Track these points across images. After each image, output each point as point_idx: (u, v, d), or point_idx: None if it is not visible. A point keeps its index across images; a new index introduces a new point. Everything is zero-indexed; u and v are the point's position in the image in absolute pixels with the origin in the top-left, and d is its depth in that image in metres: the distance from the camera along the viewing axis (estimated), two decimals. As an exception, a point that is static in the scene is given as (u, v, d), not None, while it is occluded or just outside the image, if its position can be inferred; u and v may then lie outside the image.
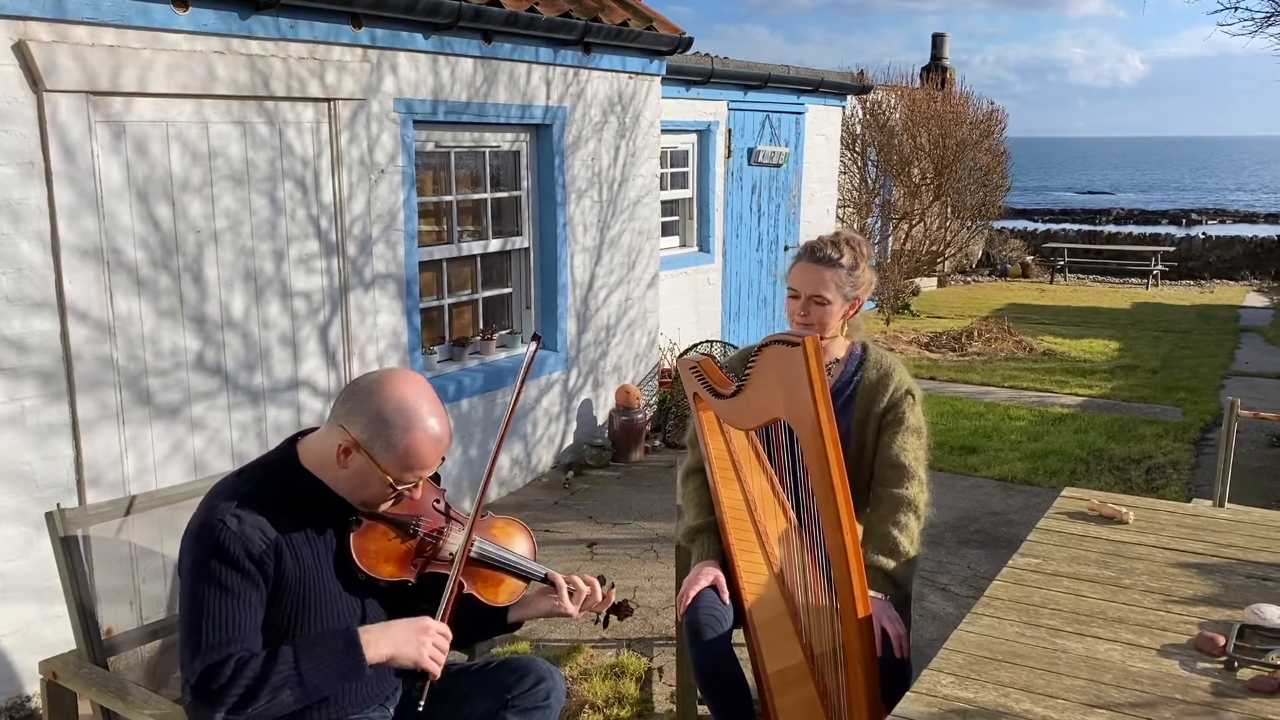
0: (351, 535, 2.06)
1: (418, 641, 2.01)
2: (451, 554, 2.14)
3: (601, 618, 2.36)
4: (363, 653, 1.95)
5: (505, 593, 2.24)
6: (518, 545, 2.30)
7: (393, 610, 2.16)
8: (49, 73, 3.46)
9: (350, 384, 2.05)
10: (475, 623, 2.29)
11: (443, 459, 2.08)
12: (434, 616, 2.07)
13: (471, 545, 2.16)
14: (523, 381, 2.20)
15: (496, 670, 2.25)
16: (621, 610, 2.37)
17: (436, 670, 2.03)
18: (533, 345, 2.27)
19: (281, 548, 1.97)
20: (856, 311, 2.77)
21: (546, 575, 2.26)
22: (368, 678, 2.08)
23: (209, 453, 4.14)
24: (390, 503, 2.08)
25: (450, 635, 2.06)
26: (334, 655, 1.93)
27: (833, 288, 2.66)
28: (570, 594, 2.25)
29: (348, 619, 2.08)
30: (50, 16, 3.47)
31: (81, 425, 3.68)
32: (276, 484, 2.03)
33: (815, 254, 2.69)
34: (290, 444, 2.10)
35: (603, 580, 2.32)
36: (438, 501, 2.22)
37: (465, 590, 2.17)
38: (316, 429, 2.13)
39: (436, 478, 2.28)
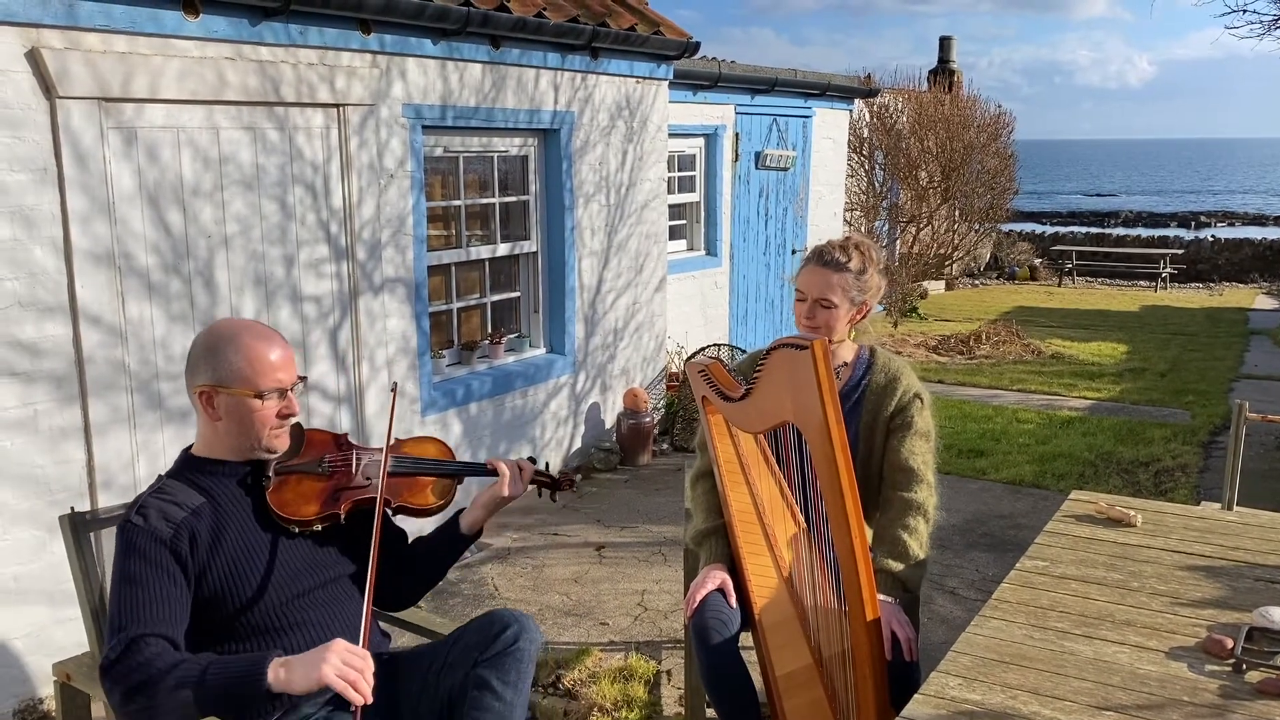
0: (268, 495, 2.13)
1: (319, 660, 1.86)
2: (368, 478, 2.22)
3: (546, 493, 2.48)
4: (263, 673, 1.85)
5: (434, 494, 2.31)
6: (429, 453, 2.39)
7: (338, 559, 2.21)
8: (61, 80, 3.49)
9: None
10: (433, 548, 2.35)
11: (303, 377, 2.18)
12: (366, 549, 2.11)
13: (386, 463, 2.23)
14: (390, 427, 2.29)
15: (464, 635, 2.24)
16: (561, 483, 2.47)
17: (352, 693, 1.85)
18: (393, 393, 2.36)
19: (194, 527, 2.04)
20: (864, 316, 2.77)
21: (486, 465, 2.35)
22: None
23: (219, 456, 4.16)
24: (277, 428, 2.13)
25: (367, 657, 1.91)
26: (238, 671, 1.88)
27: (839, 291, 2.67)
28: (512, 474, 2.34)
29: (294, 576, 2.13)
30: (62, 24, 3.50)
31: (93, 429, 3.70)
32: (179, 478, 2.13)
33: (823, 257, 2.70)
34: (184, 453, 2.21)
35: (533, 460, 2.43)
36: (340, 443, 2.31)
37: (394, 505, 2.25)
38: None
39: (344, 437, 2.35)
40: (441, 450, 2.40)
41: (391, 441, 2.28)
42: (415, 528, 2.46)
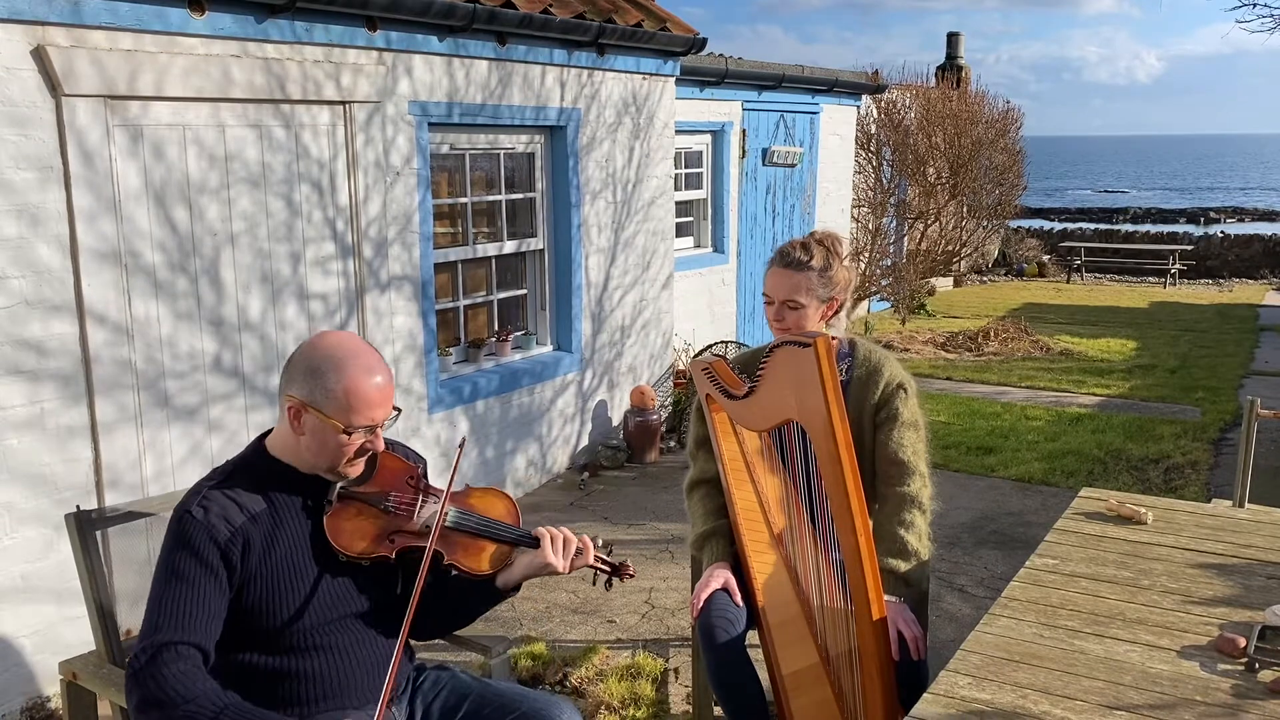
0: (325, 518, 2.08)
1: None
2: (427, 526, 2.13)
3: (602, 579, 2.32)
4: None
5: (488, 559, 2.20)
6: (496, 512, 2.27)
7: (378, 593, 2.15)
8: (67, 77, 3.49)
9: (288, 359, 2.09)
10: (467, 597, 2.27)
11: (397, 410, 2.08)
12: (411, 588, 2.06)
13: (446, 514, 2.14)
14: (450, 484, 2.18)
15: (520, 709, 2.16)
16: (621, 571, 2.31)
17: None
18: (459, 449, 2.25)
19: (250, 534, 2.00)
20: (836, 312, 2.71)
21: (532, 534, 2.21)
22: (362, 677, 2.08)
23: (227, 454, 4.15)
24: (354, 459, 2.07)
25: None
26: None
27: (804, 291, 2.62)
28: (556, 547, 2.21)
29: (330, 602, 2.08)
30: (68, 21, 3.49)
31: (100, 427, 3.70)
32: (247, 474, 2.07)
33: (785, 258, 2.66)
34: (258, 441, 2.15)
35: (603, 545, 2.29)
36: (411, 479, 2.21)
37: (445, 561, 2.16)
38: None
39: (424, 470, 2.27)
40: (508, 509, 2.29)
41: (457, 489, 2.20)
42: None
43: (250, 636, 2.03)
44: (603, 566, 2.29)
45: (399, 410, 2.11)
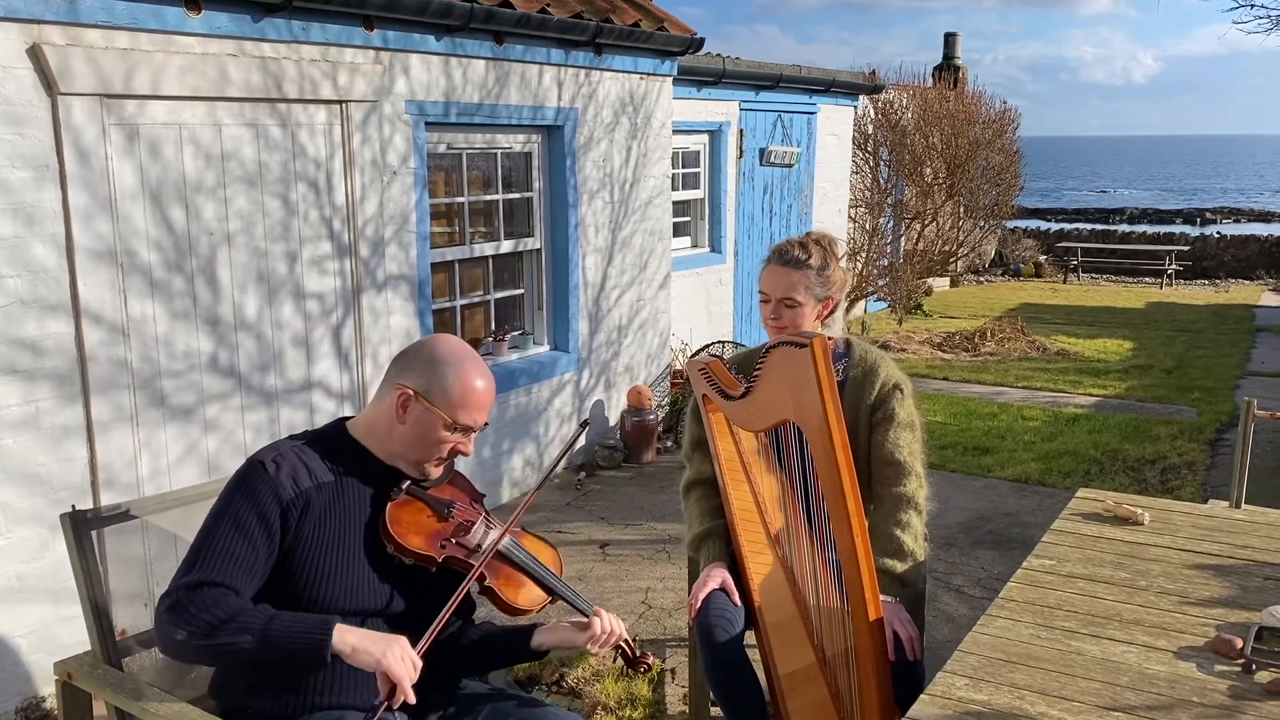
0: (389, 505, 2.10)
1: (385, 645, 1.90)
2: (479, 545, 2.16)
3: (623, 668, 2.35)
4: (329, 633, 1.88)
5: (526, 597, 2.21)
6: (544, 558, 2.29)
7: (410, 607, 2.13)
8: (63, 76, 3.48)
9: (398, 354, 2.15)
10: (500, 648, 2.26)
11: (486, 424, 2.15)
12: (446, 602, 2.05)
13: (502, 539, 2.17)
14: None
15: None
16: (638, 663, 2.28)
17: (407, 685, 1.87)
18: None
19: (311, 501, 2.03)
20: (831, 311, 2.72)
21: (591, 610, 2.19)
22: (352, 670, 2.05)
23: (223, 454, 4.15)
24: (442, 459, 2.11)
25: (419, 665, 1.92)
26: (304, 626, 1.90)
27: (802, 289, 2.63)
28: (599, 639, 2.17)
29: (363, 590, 2.07)
30: (64, 20, 3.49)
31: (96, 427, 3.69)
32: (324, 445, 2.11)
33: (783, 256, 2.66)
34: (339, 421, 2.19)
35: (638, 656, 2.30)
36: (477, 502, 2.26)
37: (486, 583, 2.16)
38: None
39: (481, 498, 2.30)
40: (554, 560, 2.32)
41: (517, 528, 2.24)
42: (482, 613, 2.36)
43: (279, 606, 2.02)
44: (625, 652, 2.27)
45: (487, 424, 2.17)
